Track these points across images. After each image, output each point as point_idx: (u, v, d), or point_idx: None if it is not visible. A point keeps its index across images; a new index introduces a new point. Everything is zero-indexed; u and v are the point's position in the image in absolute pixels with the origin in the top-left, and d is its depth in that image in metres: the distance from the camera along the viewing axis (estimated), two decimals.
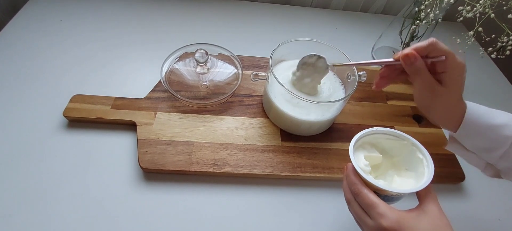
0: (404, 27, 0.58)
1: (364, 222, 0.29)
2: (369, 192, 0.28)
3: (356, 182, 0.29)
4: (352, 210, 0.31)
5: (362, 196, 0.28)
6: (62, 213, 0.38)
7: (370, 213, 0.28)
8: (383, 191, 0.29)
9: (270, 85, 0.46)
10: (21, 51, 0.56)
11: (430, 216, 0.27)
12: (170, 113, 0.48)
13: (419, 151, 0.32)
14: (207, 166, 0.42)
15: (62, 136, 0.45)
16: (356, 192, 0.29)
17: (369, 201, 0.28)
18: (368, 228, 0.28)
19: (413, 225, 0.26)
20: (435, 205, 0.28)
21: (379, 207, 0.27)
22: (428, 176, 0.29)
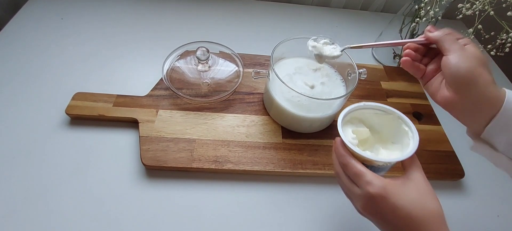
0: (404, 25, 0.58)
1: (352, 191, 0.29)
2: (356, 163, 0.29)
3: (344, 154, 0.30)
4: (341, 182, 0.31)
5: (350, 166, 0.29)
6: (64, 210, 0.39)
7: (357, 182, 0.28)
8: (370, 162, 0.29)
9: (271, 82, 0.47)
10: (23, 49, 0.56)
11: (415, 183, 0.28)
12: (171, 110, 0.48)
13: (405, 124, 0.33)
14: (208, 163, 0.43)
15: (64, 133, 0.45)
16: (344, 163, 0.29)
17: (357, 171, 0.28)
18: (356, 197, 0.29)
19: (400, 192, 0.27)
20: (419, 173, 0.29)
21: (366, 175, 0.28)
22: (413, 146, 0.30)
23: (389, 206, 0.27)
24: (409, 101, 0.56)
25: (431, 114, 0.55)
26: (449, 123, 0.55)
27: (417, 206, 0.26)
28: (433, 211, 0.27)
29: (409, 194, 0.27)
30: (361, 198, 0.28)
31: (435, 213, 0.27)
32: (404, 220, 0.26)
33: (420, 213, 0.26)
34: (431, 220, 0.26)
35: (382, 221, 0.28)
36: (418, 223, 0.26)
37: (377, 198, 0.27)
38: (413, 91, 0.59)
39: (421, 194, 0.27)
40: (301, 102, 0.45)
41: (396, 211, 0.26)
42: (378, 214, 0.28)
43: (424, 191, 0.28)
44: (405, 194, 0.27)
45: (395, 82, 0.60)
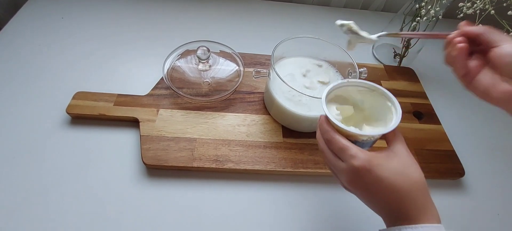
0: (405, 24, 0.58)
1: (337, 166, 0.29)
2: (340, 137, 0.29)
3: (328, 130, 0.30)
4: (325, 158, 0.31)
5: (334, 141, 0.29)
6: (65, 209, 0.39)
7: (342, 156, 0.28)
8: (354, 136, 0.30)
9: (271, 82, 0.47)
10: (23, 48, 0.56)
11: (398, 155, 0.28)
12: (172, 110, 0.48)
13: (388, 99, 0.33)
14: (209, 162, 0.43)
15: (65, 132, 0.45)
16: (328, 139, 0.30)
17: (341, 145, 0.28)
18: (340, 171, 0.29)
19: (384, 164, 0.27)
20: (402, 146, 0.29)
21: (350, 149, 0.28)
22: (396, 120, 0.30)
23: (374, 178, 0.27)
24: (410, 101, 0.57)
25: (431, 113, 0.55)
26: (449, 122, 0.55)
27: (401, 177, 0.27)
28: (417, 180, 0.27)
29: (393, 165, 0.27)
30: (346, 172, 0.28)
31: (418, 182, 0.27)
32: (389, 191, 0.27)
33: (404, 184, 0.27)
34: (415, 189, 0.27)
35: (367, 193, 0.29)
36: (402, 193, 0.27)
37: (362, 170, 0.27)
38: (413, 90, 0.59)
39: (405, 165, 0.28)
40: (302, 101, 0.45)
41: (380, 183, 0.27)
42: (363, 187, 0.28)
43: (407, 162, 0.28)
44: (389, 166, 0.27)
45: (396, 82, 0.60)
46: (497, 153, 0.53)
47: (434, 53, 0.69)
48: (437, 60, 0.68)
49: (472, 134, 0.55)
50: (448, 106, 0.59)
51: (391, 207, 0.28)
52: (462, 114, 0.59)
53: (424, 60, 0.66)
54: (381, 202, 0.28)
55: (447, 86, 0.64)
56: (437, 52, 0.69)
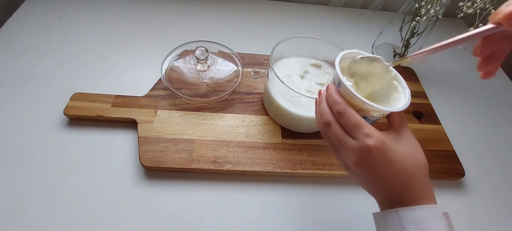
0: (404, 23, 0.58)
1: (345, 143, 0.27)
2: (354, 112, 0.27)
3: (340, 101, 0.28)
4: (331, 132, 0.29)
5: (348, 115, 0.27)
6: (63, 212, 0.38)
7: (355, 133, 0.27)
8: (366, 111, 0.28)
9: (270, 82, 0.46)
10: (20, 49, 0.56)
11: (406, 138, 0.28)
12: (170, 111, 0.48)
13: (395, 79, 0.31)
14: (208, 164, 0.43)
15: (62, 134, 0.45)
16: (340, 112, 0.27)
17: (355, 120, 0.27)
18: (350, 149, 0.27)
19: (395, 145, 0.27)
20: (408, 129, 0.29)
21: (365, 127, 0.26)
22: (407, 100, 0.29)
23: (386, 160, 0.26)
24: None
25: (431, 113, 0.55)
26: (449, 122, 0.55)
27: (411, 160, 0.27)
28: (423, 163, 0.28)
29: (404, 148, 0.27)
30: (356, 150, 0.27)
31: (424, 165, 0.28)
32: (399, 174, 0.27)
33: (413, 167, 0.27)
34: (421, 172, 0.27)
35: (374, 174, 0.27)
36: (411, 176, 0.27)
37: (375, 151, 0.26)
38: (413, 90, 0.58)
39: (413, 148, 0.28)
40: (301, 102, 0.44)
41: (392, 165, 0.27)
42: (370, 168, 0.27)
43: (415, 146, 0.28)
44: (400, 148, 0.27)
45: None
46: (497, 153, 0.53)
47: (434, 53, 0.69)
48: (437, 59, 0.68)
49: (472, 134, 0.55)
50: (448, 106, 0.59)
51: (396, 189, 0.27)
52: (462, 114, 0.58)
53: (424, 60, 0.65)
54: (386, 184, 0.27)
55: (447, 86, 0.63)
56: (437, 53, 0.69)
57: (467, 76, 0.67)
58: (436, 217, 0.26)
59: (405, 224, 0.26)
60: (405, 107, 0.29)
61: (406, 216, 0.26)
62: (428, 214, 0.26)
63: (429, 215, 0.26)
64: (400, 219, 0.26)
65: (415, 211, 0.26)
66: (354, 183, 0.45)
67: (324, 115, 0.29)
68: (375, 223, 0.30)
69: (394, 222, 0.26)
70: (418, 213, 0.26)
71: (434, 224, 0.25)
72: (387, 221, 0.27)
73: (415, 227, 0.25)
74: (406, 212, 0.26)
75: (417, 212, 0.26)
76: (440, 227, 0.26)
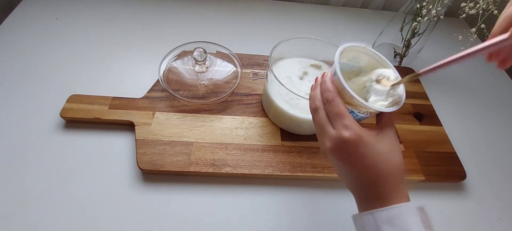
0: (405, 23, 0.57)
1: (325, 131, 0.29)
2: (341, 102, 0.28)
3: (331, 90, 0.28)
4: (317, 117, 0.30)
5: (334, 104, 0.28)
6: (59, 216, 0.38)
7: (335, 122, 0.28)
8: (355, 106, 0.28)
9: (269, 84, 0.46)
10: (17, 50, 0.55)
11: (388, 138, 0.28)
12: (168, 113, 0.47)
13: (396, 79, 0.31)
14: (206, 166, 0.42)
15: (59, 136, 0.45)
16: (329, 99, 0.28)
17: (339, 110, 0.27)
18: (328, 137, 0.28)
19: (372, 142, 0.27)
20: (393, 129, 0.29)
21: (346, 118, 0.27)
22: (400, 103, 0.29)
23: (359, 153, 0.27)
24: (410, 102, 0.56)
25: (432, 115, 0.54)
26: (450, 123, 0.54)
27: (384, 159, 0.27)
28: (396, 165, 0.28)
29: (381, 146, 0.27)
30: (333, 139, 0.28)
31: (397, 166, 0.28)
32: (369, 170, 0.27)
33: (384, 166, 0.27)
34: (392, 173, 0.27)
35: (347, 165, 0.28)
36: (381, 174, 0.27)
37: (350, 143, 0.27)
38: (414, 91, 0.58)
39: (390, 149, 0.28)
40: (300, 104, 0.44)
41: (362, 159, 0.27)
42: (343, 158, 0.28)
43: (393, 147, 0.28)
44: (376, 146, 0.27)
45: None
46: (499, 155, 0.52)
47: (435, 53, 0.68)
48: (438, 60, 0.67)
49: (474, 136, 0.55)
50: (449, 107, 0.58)
51: (365, 184, 0.28)
52: (463, 116, 0.58)
53: (425, 60, 0.65)
54: (356, 177, 0.29)
55: (448, 86, 0.63)
56: (438, 52, 0.68)
57: (468, 77, 0.66)
58: (409, 213, 0.27)
59: (380, 224, 0.27)
60: (394, 109, 0.29)
61: (380, 217, 0.27)
62: (401, 211, 0.27)
63: (402, 213, 0.27)
64: (375, 219, 0.27)
65: (388, 211, 0.27)
66: None
67: (314, 100, 0.30)
68: (355, 224, 0.30)
69: (369, 223, 0.28)
70: (390, 213, 0.27)
71: (408, 221, 0.26)
72: (363, 223, 0.28)
73: (390, 226, 0.26)
74: (380, 213, 0.27)
75: (390, 212, 0.27)
76: (414, 222, 0.26)
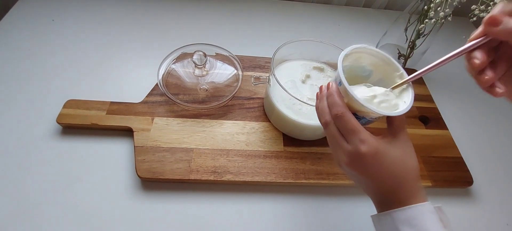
0: (410, 24, 0.56)
1: (340, 145, 0.28)
2: (352, 117, 0.27)
3: (340, 104, 0.28)
4: (328, 132, 0.29)
5: (345, 120, 0.27)
6: (56, 225, 0.37)
7: (350, 138, 0.27)
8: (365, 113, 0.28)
9: (271, 88, 0.44)
10: (12, 52, 0.54)
11: (401, 142, 0.29)
12: (168, 118, 0.46)
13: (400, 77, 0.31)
14: (207, 174, 0.41)
15: (55, 143, 0.43)
16: (338, 115, 0.28)
17: (352, 127, 0.27)
18: (343, 152, 0.28)
19: (387, 150, 0.27)
20: (405, 132, 0.29)
21: (361, 133, 0.27)
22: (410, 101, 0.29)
23: (377, 165, 0.27)
24: (415, 105, 0.54)
25: (438, 118, 0.53)
26: (456, 127, 0.53)
27: (401, 165, 0.28)
28: (413, 168, 0.28)
29: (396, 153, 0.28)
30: (349, 154, 0.28)
31: (414, 169, 0.28)
32: (388, 178, 0.28)
33: (403, 172, 0.28)
34: (410, 176, 0.28)
35: (365, 177, 0.28)
36: (399, 180, 0.28)
37: (368, 157, 0.27)
38: (419, 93, 0.57)
39: (405, 153, 0.28)
40: (303, 110, 0.43)
41: (382, 170, 0.27)
42: (361, 170, 0.28)
43: (408, 150, 0.29)
44: (392, 154, 0.28)
45: None
46: (506, 160, 0.51)
47: (441, 54, 0.66)
48: None
49: (480, 140, 0.53)
50: (455, 110, 0.57)
51: (384, 191, 0.29)
52: (470, 119, 0.56)
53: (430, 62, 0.63)
54: (375, 186, 0.29)
55: (454, 89, 0.61)
56: (443, 53, 0.67)
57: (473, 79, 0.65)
58: (427, 213, 0.27)
59: (398, 224, 0.27)
60: (404, 111, 0.28)
61: (398, 217, 0.27)
62: (419, 211, 0.27)
63: (420, 213, 0.27)
64: (394, 220, 0.28)
65: (406, 211, 0.27)
66: (358, 192, 0.43)
67: (323, 115, 0.30)
68: (374, 224, 0.31)
69: (388, 223, 0.28)
70: (408, 213, 0.27)
71: (426, 220, 0.26)
72: (382, 223, 0.29)
73: (408, 226, 0.27)
74: (398, 213, 0.27)
75: (408, 212, 0.27)
76: (432, 222, 0.27)
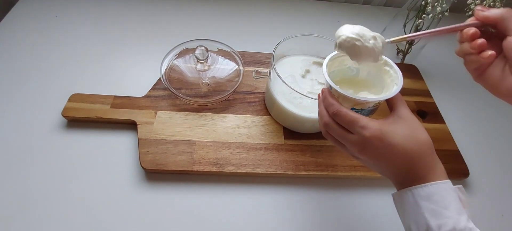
0: (408, 20, 0.57)
1: (346, 139, 0.29)
2: (348, 110, 0.29)
3: (334, 103, 0.29)
4: (331, 132, 0.31)
5: (342, 115, 0.29)
6: (62, 216, 0.38)
7: (352, 128, 0.28)
8: (361, 104, 0.30)
9: (272, 82, 0.45)
10: (16, 49, 0.55)
11: (405, 119, 0.29)
12: (171, 112, 0.47)
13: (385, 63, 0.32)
14: (209, 166, 0.42)
15: (61, 136, 0.44)
16: (334, 113, 0.29)
17: (350, 118, 0.28)
18: (351, 143, 0.29)
19: (394, 130, 0.28)
20: (407, 109, 0.30)
21: (360, 121, 0.28)
22: (400, 83, 0.30)
23: (386, 145, 0.28)
24: (413, 99, 0.55)
25: (435, 112, 0.54)
26: (453, 121, 0.54)
27: (412, 141, 0.28)
28: (425, 141, 0.28)
29: (402, 130, 0.28)
30: (358, 143, 0.28)
31: (426, 143, 0.28)
32: (401, 156, 0.28)
33: (414, 147, 0.28)
34: (423, 150, 0.28)
35: (379, 160, 0.29)
36: (413, 156, 0.28)
37: (374, 140, 0.27)
38: (417, 88, 0.58)
39: (412, 128, 0.29)
40: (303, 103, 0.44)
41: (393, 149, 0.28)
42: (374, 154, 0.29)
43: (414, 125, 0.29)
44: (399, 131, 0.28)
45: None
46: (502, 153, 0.52)
47: (438, 50, 0.67)
48: (441, 57, 0.67)
49: (477, 133, 0.55)
50: (453, 104, 0.58)
51: (402, 170, 0.29)
52: (466, 113, 0.58)
53: (428, 57, 0.64)
54: (392, 167, 0.29)
55: (451, 84, 0.62)
56: (441, 48, 0.68)
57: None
58: (447, 190, 0.27)
59: (419, 200, 0.27)
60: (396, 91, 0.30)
61: (419, 193, 0.27)
62: (439, 188, 0.27)
63: (440, 189, 0.27)
64: (414, 196, 0.28)
65: (427, 188, 0.27)
66: (356, 183, 0.44)
67: (322, 117, 0.31)
68: (394, 202, 0.31)
69: (408, 199, 0.28)
70: (429, 189, 0.27)
71: (446, 198, 0.27)
72: (402, 200, 0.29)
73: (428, 202, 0.27)
74: (419, 189, 0.27)
75: (428, 188, 0.27)
76: (452, 199, 0.27)
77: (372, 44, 0.30)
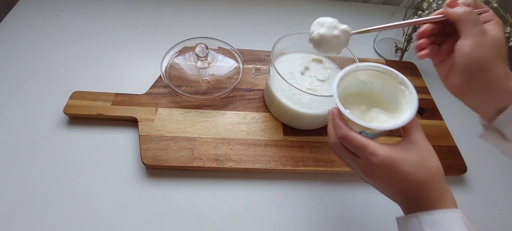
0: (406, 18, 0.57)
1: (354, 162, 0.29)
2: (356, 135, 0.28)
3: (341, 126, 0.29)
4: (339, 153, 0.31)
5: (349, 139, 0.28)
6: (64, 212, 0.38)
7: (360, 154, 0.28)
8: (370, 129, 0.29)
9: (271, 79, 0.46)
10: (18, 47, 0.55)
11: (417, 146, 0.28)
12: (171, 109, 0.48)
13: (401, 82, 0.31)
14: (210, 162, 0.42)
15: (62, 133, 0.45)
16: (342, 137, 0.29)
17: (357, 143, 0.28)
18: (359, 167, 0.29)
19: (404, 158, 0.27)
20: (420, 134, 0.29)
21: (369, 147, 0.27)
22: (414, 108, 0.29)
23: (394, 173, 0.27)
24: None
25: (433, 109, 0.55)
26: (451, 117, 0.54)
27: (421, 169, 0.27)
28: (435, 170, 0.27)
29: (412, 158, 0.27)
30: (365, 168, 0.28)
31: (436, 172, 0.27)
32: (408, 183, 0.27)
33: (423, 175, 0.27)
34: (433, 179, 0.27)
35: (385, 185, 0.29)
36: (421, 184, 0.27)
37: (382, 167, 0.27)
38: (415, 86, 0.58)
39: (423, 156, 0.28)
40: (302, 99, 0.44)
41: (401, 176, 0.27)
42: (381, 180, 0.28)
43: (425, 153, 0.28)
44: (408, 159, 0.27)
45: None
46: None
47: None
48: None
49: (474, 130, 0.54)
50: (450, 101, 0.58)
51: (409, 196, 0.28)
52: (464, 110, 0.57)
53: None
54: (399, 192, 0.29)
55: None
56: None
57: None
58: (454, 220, 0.26)
59: (425, 226, 0.26)
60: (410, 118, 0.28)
61: (425, 220, 0.27)
62: (446, 217, 0.26)
63: (447, 218, 0.26)
64: (420, 222, 0.27)
65: (433, 215, 0.26)
66: (354, 179, 0.45)
67: (330, 137, 0.31)
68: (398, 226, 0.30)
69: (413, 225, 0.27)
70: (436, 217, 0.26)
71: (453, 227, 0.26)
72: (408, 224, 0.28)
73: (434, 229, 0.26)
74: (425, 216, 0.27)
75: (435, 216, 0.26)
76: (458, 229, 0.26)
77: (336, 34, 0.33)
